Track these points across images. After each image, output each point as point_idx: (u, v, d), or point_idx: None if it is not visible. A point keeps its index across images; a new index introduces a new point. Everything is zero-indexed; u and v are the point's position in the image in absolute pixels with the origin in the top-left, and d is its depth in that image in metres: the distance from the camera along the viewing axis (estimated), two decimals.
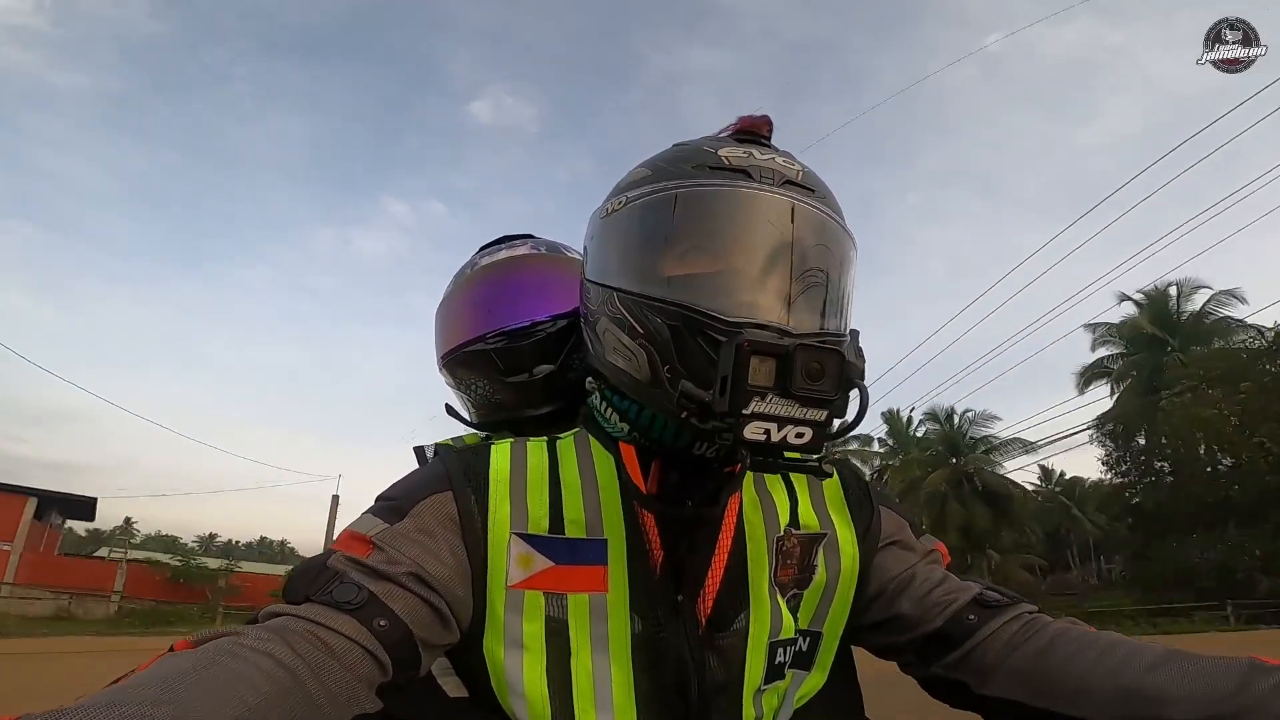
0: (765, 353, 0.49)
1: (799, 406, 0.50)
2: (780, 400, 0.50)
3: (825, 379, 0.50)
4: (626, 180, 0.66)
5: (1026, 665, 0.57)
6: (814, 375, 0.50)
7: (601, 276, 0.64)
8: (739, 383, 0.49)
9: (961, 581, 0.66)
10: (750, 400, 0.49)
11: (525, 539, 0.60)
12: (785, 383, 0.49)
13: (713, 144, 0.63)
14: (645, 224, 0.61)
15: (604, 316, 0.63)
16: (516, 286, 0.89)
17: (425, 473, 0.64)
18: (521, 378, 0.84)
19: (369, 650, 0.50)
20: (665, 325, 0.56)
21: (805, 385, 0.49)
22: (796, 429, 0.51)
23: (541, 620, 0.58)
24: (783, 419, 0.50)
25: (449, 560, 0.57)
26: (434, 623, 0.55)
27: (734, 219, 0.58)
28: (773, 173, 0.59)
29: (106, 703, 0.36)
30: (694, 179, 0.59)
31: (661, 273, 0.59)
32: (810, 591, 0.66)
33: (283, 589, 0.54)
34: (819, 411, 0.51)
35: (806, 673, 0.66)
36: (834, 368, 0.50)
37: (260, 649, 0.45)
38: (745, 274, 0.57)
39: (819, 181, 0.63)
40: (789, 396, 0.50)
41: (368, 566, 0.54)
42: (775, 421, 0.50)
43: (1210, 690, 0.46)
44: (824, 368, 0.50)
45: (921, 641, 0.64)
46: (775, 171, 0.60)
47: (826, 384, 0.50)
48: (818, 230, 0.59)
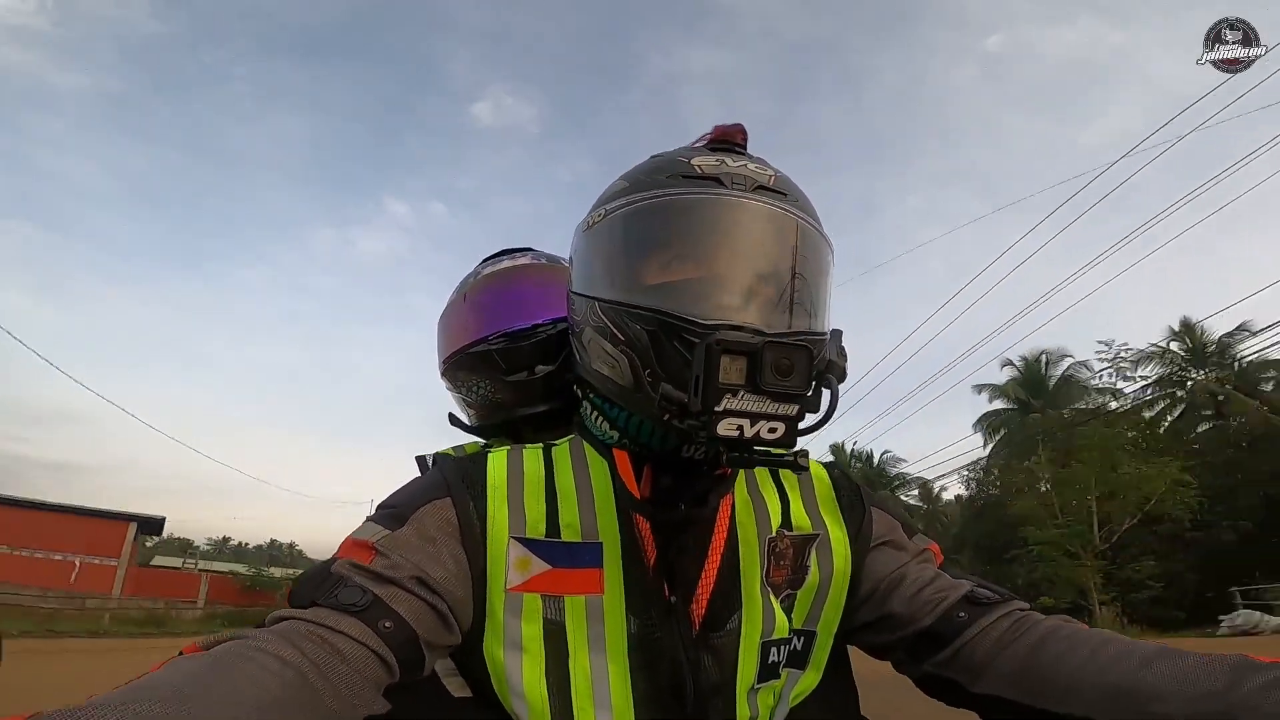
0: (735, 351, 0.51)
1: (770, 402, 0.51)
2: (751, 396, 0.51)
3: (795, 374, 0.51)
4: (606, 193, 0.68)
5: (1017, 663, 0.57)
6: (783, 371, 0.51)
7: (585, 287, 0.66)
8: (710, 381, 0.50)
9: (953, 580, 0.66)
10: (722, 397, 0.50)
11: (523, 543, 0.61)
12: (755, 379, 0.50)
13: (687, 154, 0.65)
14: (623, 235, 0.63)
15: (588, 326, 0.65)
16: (519, 292, 0.92)
17: (424, 481, 0.65)
18: (522, 376, 0.87)
19: (375, 652, 0.51)
20: (644, 331, 0.58)
21: (775, 381, 0.50)
22: (769, 424, 0.52)
23: (540, 622, 0.60)
24: (754, 415, 0.51)
25: (450, 565, 0.58)
26: (437, 624, 0.56)
27: (706, 225, 0.60)
28: (744, 179, 0.61)
29: (118, 703, 0.36)
30: (668, 188, 0.62)
31: (640, 281, 0.61)
32: (804, 592, 0.67)
33: (288, 594, 0.56)
34: (790, 406, 0.52)
35: (801, 671, 0.67)
36: (803, 363, 0.51)
37: (269, 651, 0.46)
38: (719, 278, 0.59)
39: (792, 186, 0.65)
40: (759, 393, 0.51)
41: (371, 571, 0.55)
42: (747, 418, 0.51)
43: (1200, 687, 0.46)
44: (793, 363, 0.51)
45: (913, 640, 0.64)
46: (747, 177, 0.61)
47: (796, 379, 0.51)
48: (789, 233, 0.61)
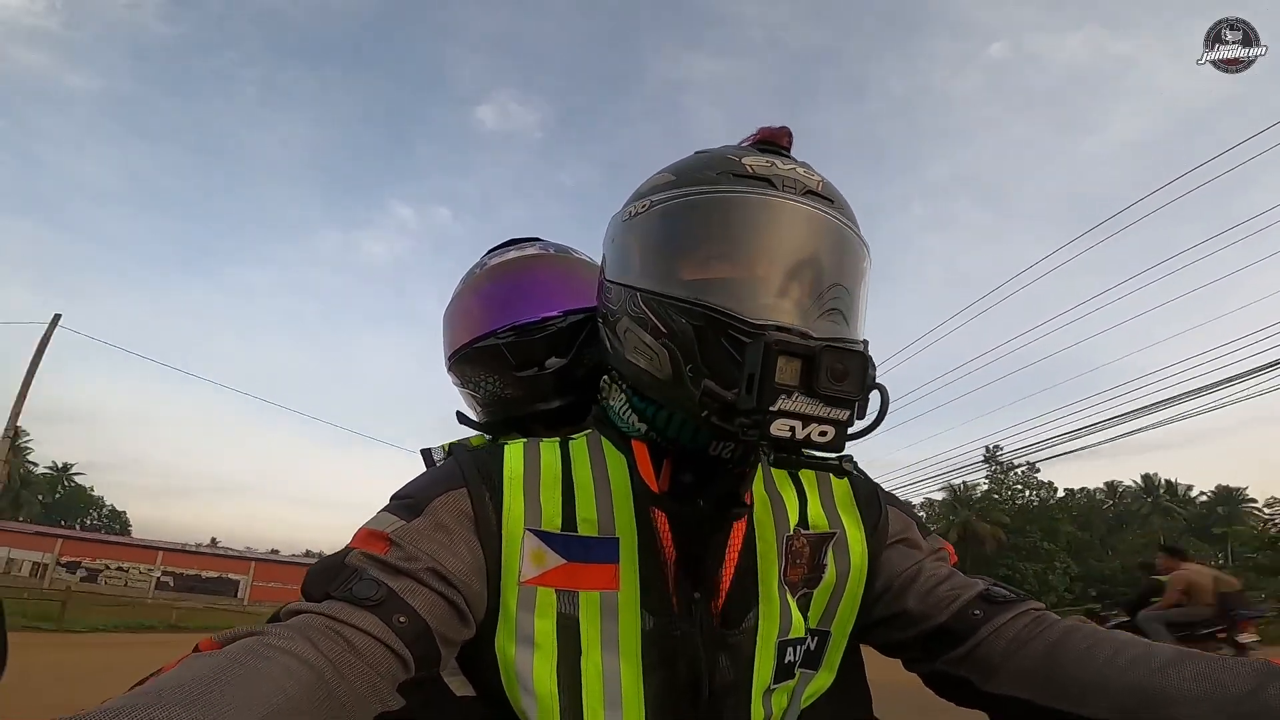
0: (792, 353, 0.51)
1: (823, 405, 0.51)
2: (805, 399, 0.51)
3: (849, 380, 0.51)
4: (649, 185, 0.68)
5: (1033, 662, 0.57)
6: (838, 376, 0.51)
7: (623, 277, 0.65)
8: (766, 380, 0.50)
9: (968, 578, 0.67)
10: (777, 398, 0.50)
11: (539, 535, 0.61)
12: (810, 382, 0.51)
13: (736, 152, 0.65)
14: (670, 227, 0.63)
15: (625, 316, 0.64)
16: (527, 283, 0.89)
17: (439, 471, 0.65)
18: (532, 371, 0.84)
19: (390, 647, 0.50)
20: (689, 325, 0.57)
21: (830, 385, 0.51)
22: (820, 427, 0.52)
23: (553, 617, 0.59)
24: (807, 417, 0.51)
25: (465, 556, 0.58)
26: (453, 618, 0.56)
27: (759, 226, 0.60)
28: (795, 182, 0.61)
29: (133, 706, 0.36)
30: (719, 185, 0.61)
31: (685, 275, 0.60)
32: (819, 591, 0.67)
33: (302, 586, 0.55)
34: (842, 411, 0.52)
35: (815, 672, 0.67)
36: (857, 369, 0.52)
37: (285, 648, 0.45)
38: (768, 279, 0.59)
39: (837, 192, 0.65)
40: (814, 396, 0.51)
41: (386, 563, 0.55)
42: (800, 419, 0.51)
43: (1223, 692, 0.45)
44: (848, 369, 0.51)
45: (926, 637, 0.65)
46: (797, 181, 0.61)
47: (850, 385, 0.51)
48: (838, 240, 0.62)
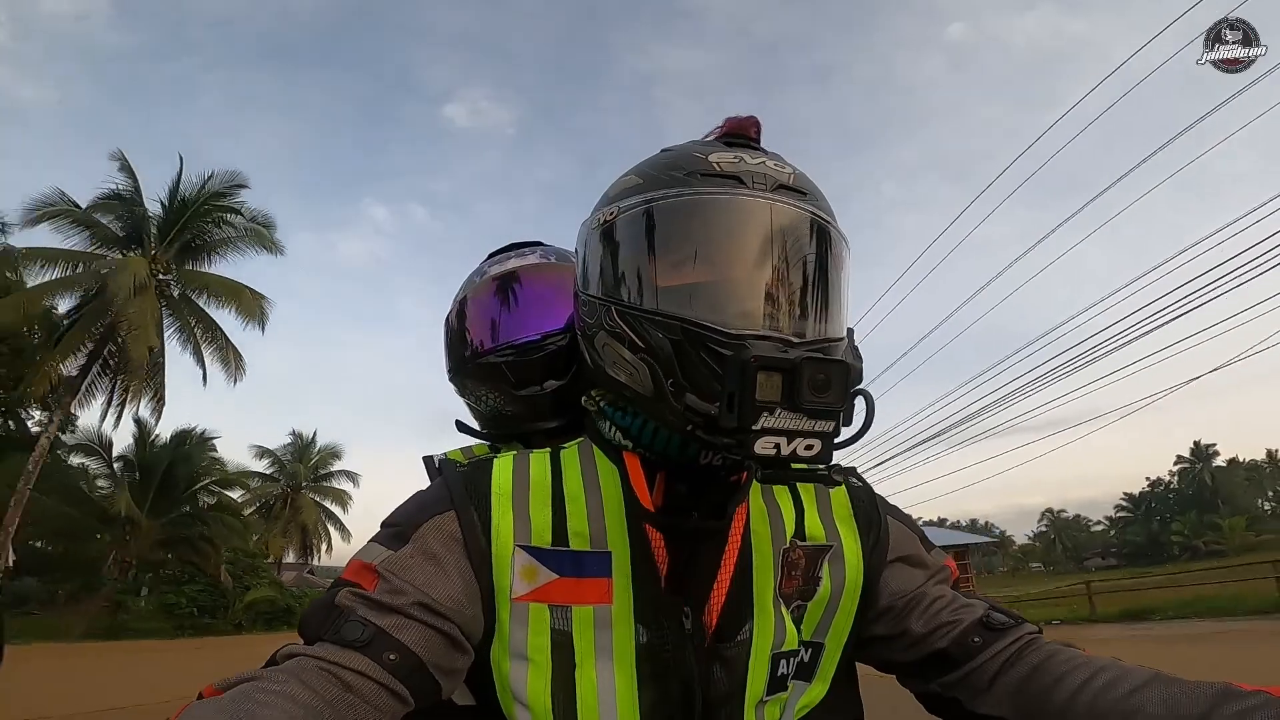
0: (772, 368, 0.50)
1: (807, 419, 0.50)
2: (788, 414, 0.50)
3: (831, 390, 0.50)
4: (616, 189, 0.65)
5: (1016, 684, 0.58)
6: (820, 387, 0.50)
7: (597, 290, 0.63)
8: (747, 399, 0.49)
9: (968, 600, 0.66)
10: (759, 416, 0.49)
11: (529, 551, 0.59)
12: (793, 396, 0.50)
13: (702, 149, 0.62)
14: (640, 235, 0.60)
15: (602, 330, 0.62)
16: (528, 298, 0.87)
17: (427, 495, 0.64)
18: (532, 390, 0.83)
19: (384, 684, 0.50)
20: (666, 339, 0.56)
21: (812, 398, 0.50)
22: (805, 441, 0.51)
23: (547, 633, 0.58)
24: (791, 432, 0.50)
25: (456, 582, 0.57)
26: (446, 649, 0.55)
27: (730, 227, 0.58)
28: (765, 177, 0.59)
29: None
30: (686, 187, 0.59)
31: (659, 284, 0.58)
32: (814, 603, 0.66)
33: (298, 628, 0.55)
34: (826, 422, 0.51)
35: (808, 684, 0.66)
36: (839, 378, 0.51)
37: (281, 691, 0.45)
38: (744, 282, 0.57)
39: (810, 184, 0.62)
40: (796, 410, 0.50)
41: (374, 600, 0.54)
42: (784, 435, 0.50)
43: (1183, 713, 0.46)
44: (830, 379, 0.50)
45: (924, 659, 0.64)
46: (768, 176, 0.59)
47: (832, 395, 0.51)
48: (814, 235, 0.59)
